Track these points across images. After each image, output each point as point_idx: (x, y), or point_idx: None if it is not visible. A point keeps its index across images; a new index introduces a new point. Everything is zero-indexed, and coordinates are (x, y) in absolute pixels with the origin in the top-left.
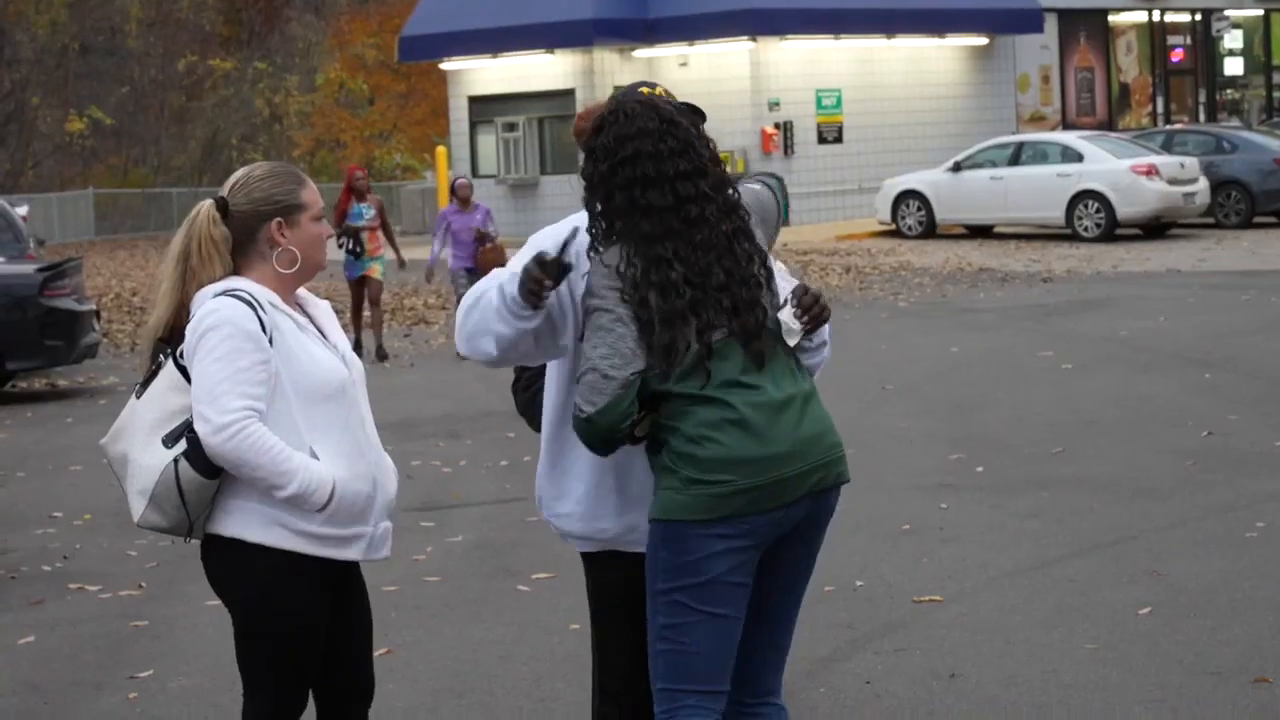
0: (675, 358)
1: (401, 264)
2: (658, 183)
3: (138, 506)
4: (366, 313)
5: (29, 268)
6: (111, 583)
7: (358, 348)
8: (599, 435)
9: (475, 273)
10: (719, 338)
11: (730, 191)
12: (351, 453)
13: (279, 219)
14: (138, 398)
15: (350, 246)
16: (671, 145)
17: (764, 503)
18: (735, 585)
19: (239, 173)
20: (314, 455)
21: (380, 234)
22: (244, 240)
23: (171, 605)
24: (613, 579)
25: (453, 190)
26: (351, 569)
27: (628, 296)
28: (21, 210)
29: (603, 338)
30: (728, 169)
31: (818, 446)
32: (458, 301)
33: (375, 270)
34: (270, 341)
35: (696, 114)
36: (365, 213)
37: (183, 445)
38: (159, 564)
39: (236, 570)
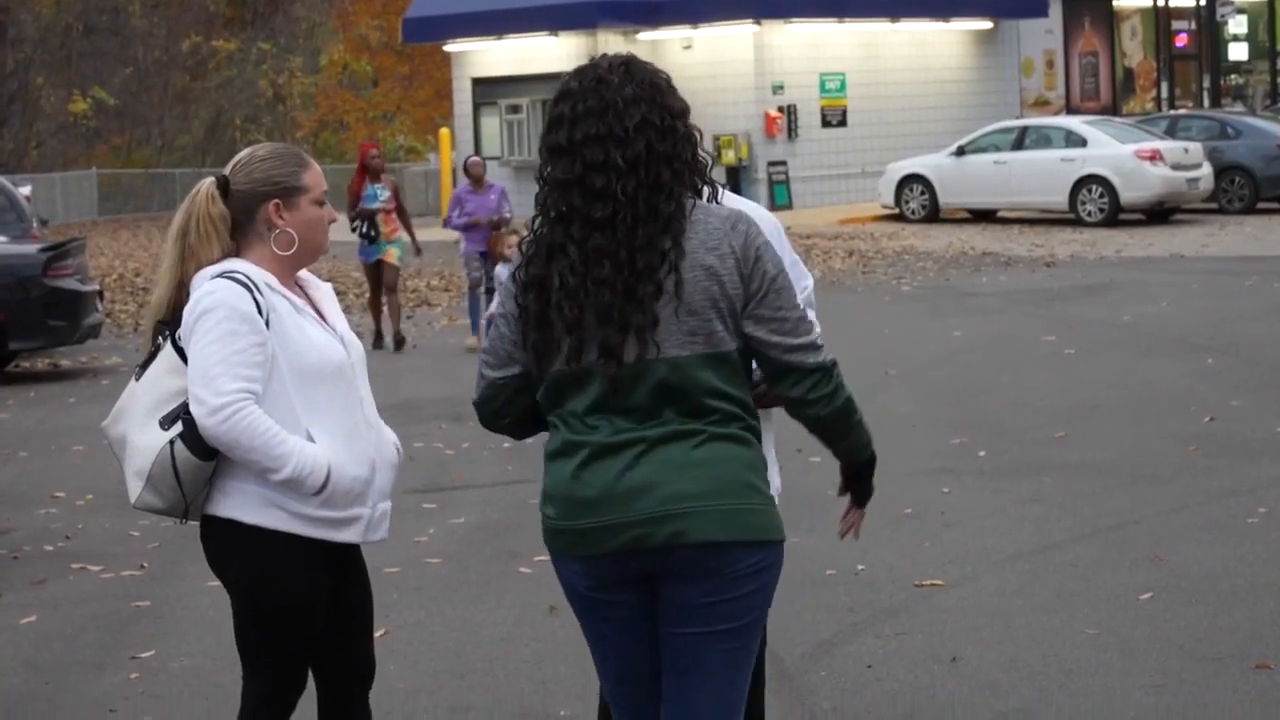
0: (545, 364)
1: (418, 251)
2: (568, 152)
3: (134, 488)
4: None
5: (32, 248)
6: (113, 563)
7: (379, 338)
8: (482, 424)
9: (488, 256)
10: (591, 357)
11: (676, 174)
12: (349, 435)
13: (277, 200)
14: (137, 380)
15: (364, 230)
16: (590, 105)
17: (580, 547)
18: (605, 603)
19: (243, 153)
20: (310, 438)
21: (395, 216)
22: (243, 220)
23: (173, 586)
24: None
25: (465, 169)
26: (352, 550)
27: (516, 288)
28: (25, 190)
29: (490, 333)
30: (732, 153)
31: (640, 501)
32: (469, 285)
33: (392, 255)
34: (267, 323)
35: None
36: (379, 194)
37: (179, 427)
38: (161, 544)
39: (233, 551)
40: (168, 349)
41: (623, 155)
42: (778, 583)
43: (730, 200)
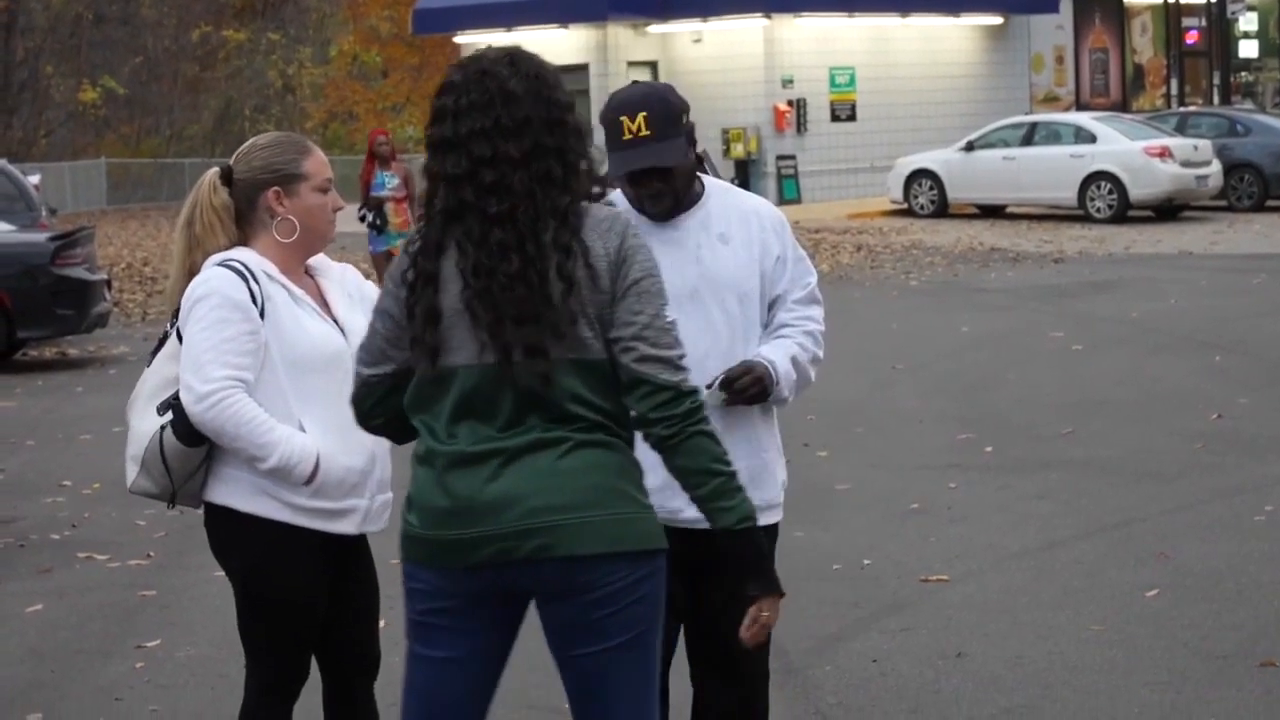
0: (423, 364)
1: None
2: (455, 146)
3: (130, 472)
4: None
5: (41, 236)
6: (120, 552)
7: None
8: (359, 424)
9: None
10: (461, 360)
11: (568, 167)
12: (345, 426)
13: (277, 188)
14: (148, 366)
15: (372, 219)
16: (474, 99)
17: (440, 558)
18: (442, 627)
19: (248, 142)
20: (302, 428)
21: (406, 206)
22: (246, 209)
23: (179, 575)
24: None
25: None
26: (358, 541)
27: (403, 286)
28: (34, 179)
29: (367, 330)
30: (741, 147)
31: (505, 513)
32: None
33: (401, 247)
34: (261, 312)
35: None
36: (388, 181)
37: (171, 414)
38: (167, 534)
39: (232, 539)
40: (173, 336)
41: (516, 148)
42: (664, 588)
43: (737, 193)
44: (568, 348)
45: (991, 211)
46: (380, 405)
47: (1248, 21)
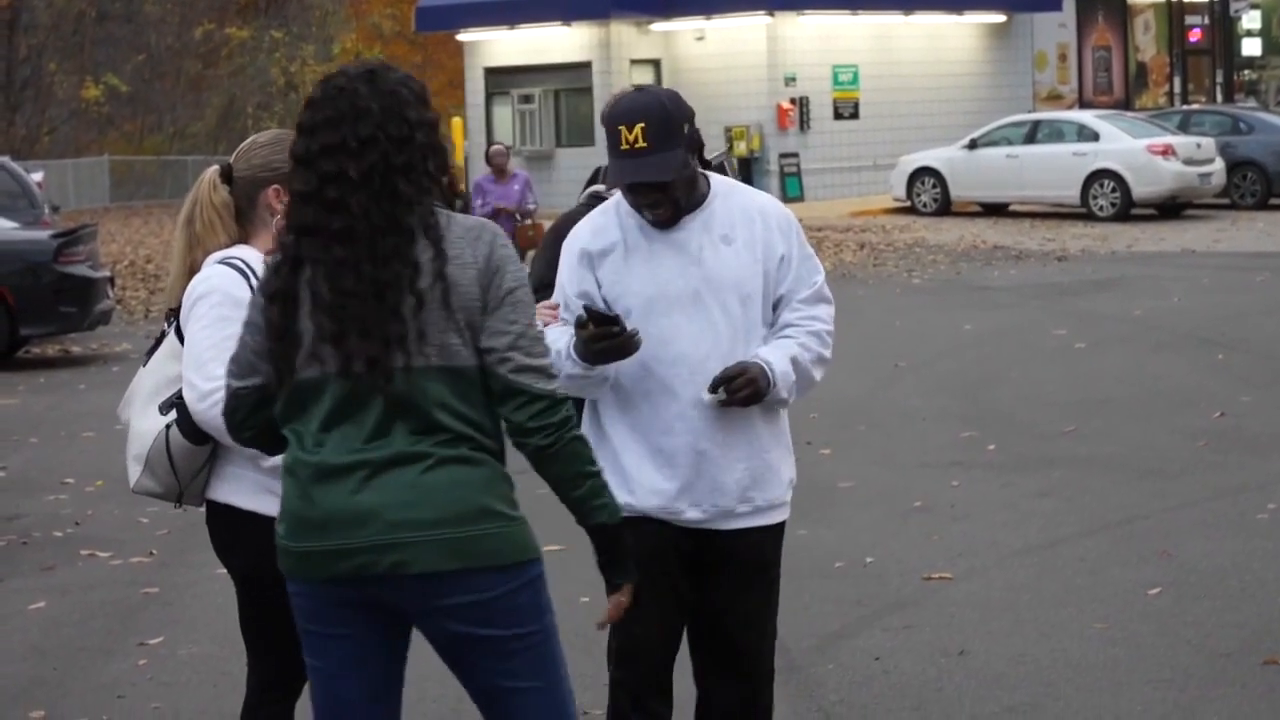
0: (283, 377)
1: None
2: (306, 163)
3: (133, 472)
4: None
5: (44, 234)
6: (122, 549)
7: None
8: (230, 436)
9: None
10: (315, 373)
11: (415, 185)
12: None
13: (277, 185)
14: (144, 365)
15: None
16: (327, 115)
17: (304, 570)
18: (324, 636)
19: (248, 139)
20: None
21: None
22: (246, 207)
23: (182, 573)
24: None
25: (488, 158)
26: None
27: (263, 300)
28: (37, 176)
29: (237, 343)
30: (743, 145)
31: (365, 528)
32: None
33: None
34: None
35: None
36: None
37: (176, 413)
38: (170, 531)
39: (233, 537)
40: (171, 335)
41: (355, 168)
42: (546, 590)
43: (744, 192)
44: (435, 355)
45: (994, 209)
46: (251, 417)
47: (1250, 19)
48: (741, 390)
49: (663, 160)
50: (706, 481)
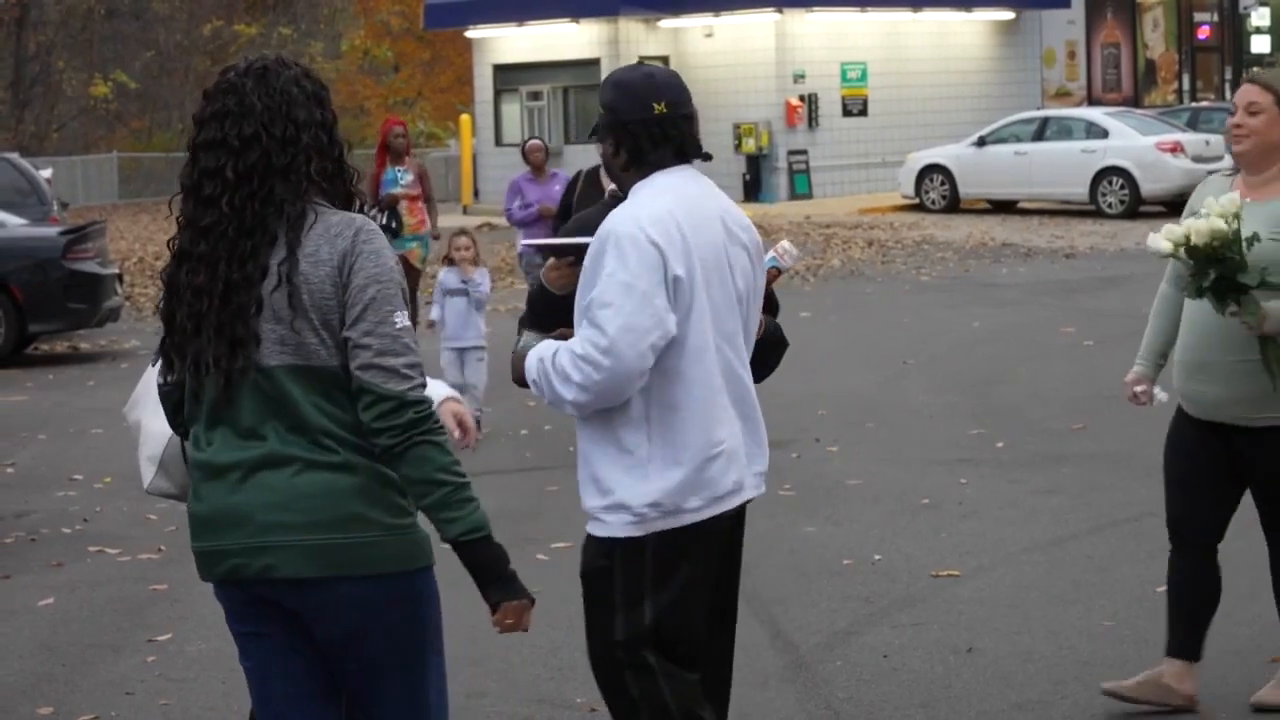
0: (172, 368)
1: (435, 236)
2: (191, 157)
3: (147, 473)
4: None
5: (52, 230)
6: (131, 546)
7: None
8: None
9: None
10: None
11: (292, 187)
12: None
13: None
14: (153, 365)
15: (384, 221)
16: (215, 110)
17: (205, 570)
18: (245, 635)
19: None
20: None
21: (422, 206)
22: None
23: (191, 569)
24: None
25: (524, 154)
26: None
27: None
28: (45, 173)
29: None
30: (752, 142)
31: (239, 529)
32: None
33: (415, 254)
34: None
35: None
36: (402, 178)
37: None
38: (178, 528)
39: None
40: None
41: (233, 166)
42: (431, 604)
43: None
44: (291, 354)
45: (1003, 207)
46: (179, 414)
47: (1260, 17)
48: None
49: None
50: None
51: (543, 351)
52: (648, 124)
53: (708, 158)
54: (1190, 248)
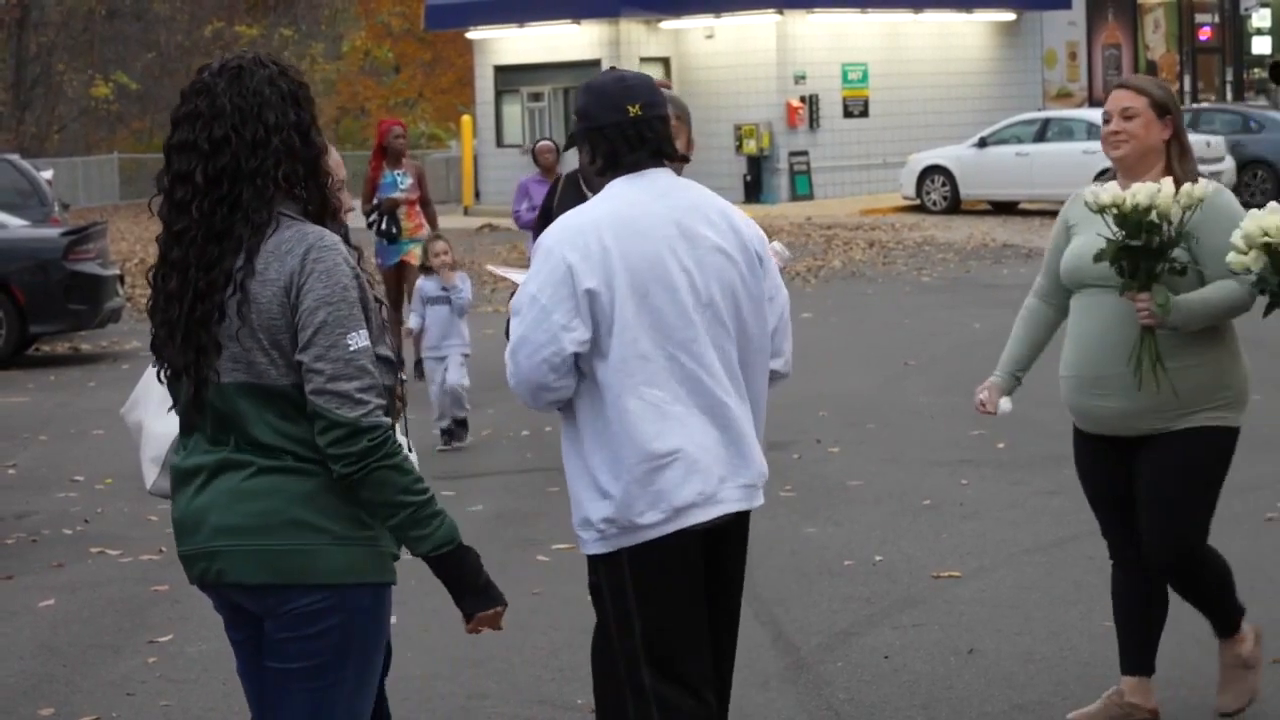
0: (160, 368)
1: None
2: (166, 159)
3: (150, 474)
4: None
5: (53, 231)
6: (132, 547)
7: (400, 358)
8: None
9: None
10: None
11: (259, 191)
12: None
13: None
14: (153, 365)
15: (382, 226)
16: (187, 111)
17: (186, 572)
18: (233, 641)
19: None
20: None
21: (419, 210)
22: None
23: None
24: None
25: (534, 156)
26: None
27: None
28: (46, 174)
29: None
30: (753, 143)
31: (199, 531)
32: None
33: (415, 256)
34: None
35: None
36: (401, 181)
37: None
38: None
39: None
40: None
41: (203, 169)
42: (368, 626)
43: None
44: (243, 372)
45: (1004, 208)
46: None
47: (1260, 18)
48: None
49: None
50: None
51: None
52: (622, 126)
53: (685, 159)
54: (1127, 208)
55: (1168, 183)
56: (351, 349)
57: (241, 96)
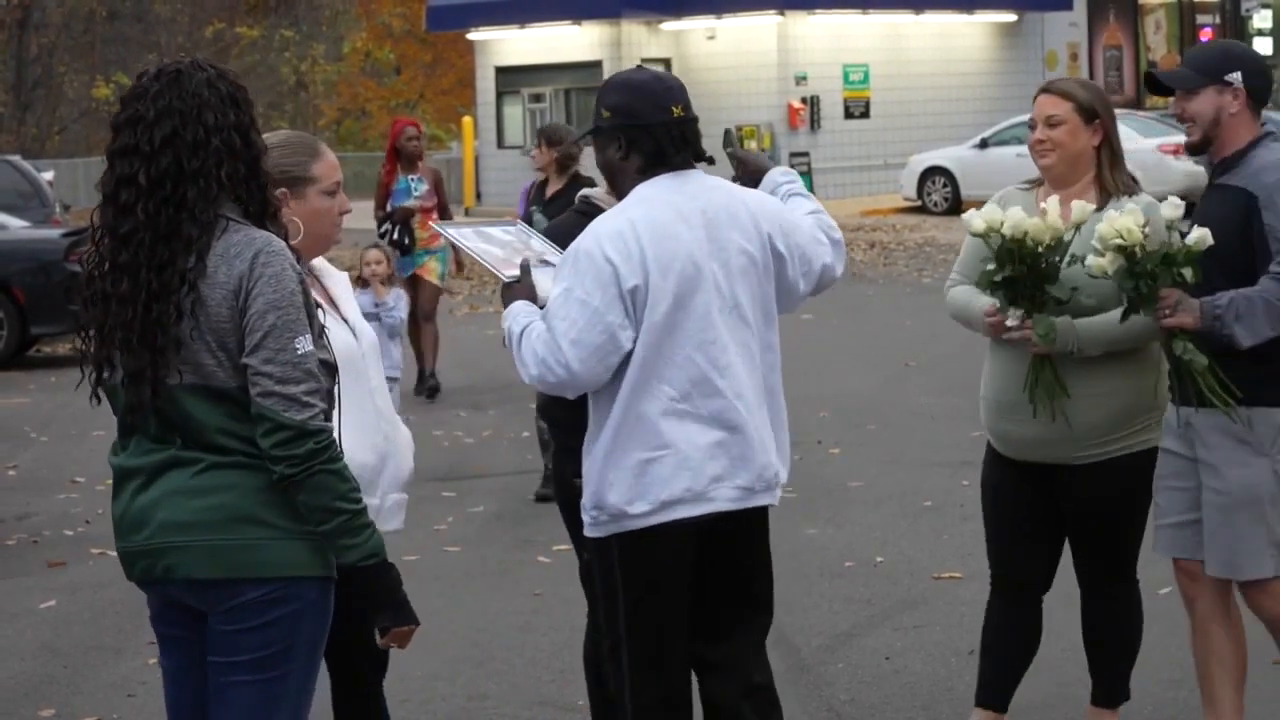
0: (95, 375)
1: (460, 267)
2: (108, 163)
3: None
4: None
5: (54, 233)
6: None
7: (423, 376)
8: None
9: None
10: (114, 378)
11: (203, 192)
12: (357, 425)
13: (284, 189)
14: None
15: (395, 235)
16: (127, 116)
17: (126, 569)
18: (164, 637)
19: None
20: None
21: (437, 218)
22: None
23: None
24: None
25: (534, 158)
26: None
27: None
28: (47, 175)
29: None
30: (754, 144)
31: (144, 530)
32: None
33: (430, 269)
34: None
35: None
36: (415, 187)
37: None
38: None
39: None
40: None
41: (146, 171)
42: (315, 619)
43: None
44: (190, 374)
45: None
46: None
47: (1262, 19)
48: None
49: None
50: None
51: (525, 320)
52: (669, 127)
53: (711, 160)
54: (1010, 239)
55: (1054, 204)
56: (299, 353)
57: (181, 99)
